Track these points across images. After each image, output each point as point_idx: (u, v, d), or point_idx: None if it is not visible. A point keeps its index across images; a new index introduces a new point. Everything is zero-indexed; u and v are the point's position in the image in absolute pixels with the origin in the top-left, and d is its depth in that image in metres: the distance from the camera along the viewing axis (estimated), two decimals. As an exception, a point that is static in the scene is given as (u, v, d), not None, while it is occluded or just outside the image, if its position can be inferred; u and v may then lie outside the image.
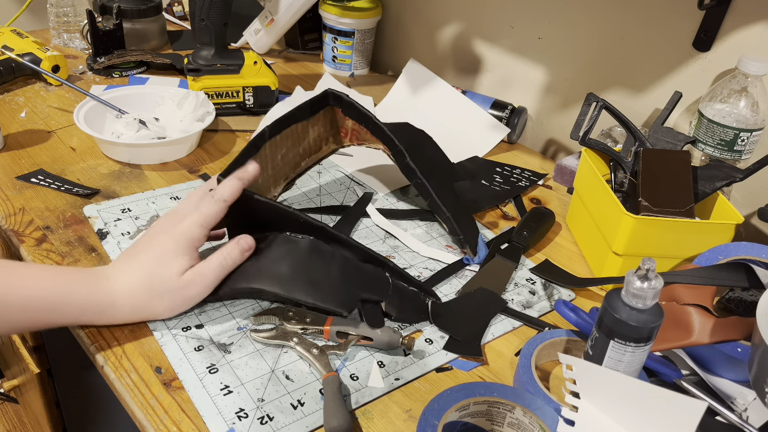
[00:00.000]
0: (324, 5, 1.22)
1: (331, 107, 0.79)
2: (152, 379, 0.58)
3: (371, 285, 0.66)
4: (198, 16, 0.97)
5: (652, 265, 0.51)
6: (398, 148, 0.74)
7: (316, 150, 0.83)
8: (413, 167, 0.74)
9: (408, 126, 0.82)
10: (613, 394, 0.52)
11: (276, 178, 0.79)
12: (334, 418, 0.53)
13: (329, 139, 0.83)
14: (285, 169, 0.80)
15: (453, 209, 0.76)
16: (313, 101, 0.77)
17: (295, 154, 0.80)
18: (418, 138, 0.81)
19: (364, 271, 0.67)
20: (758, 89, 0.79)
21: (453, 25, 1.19)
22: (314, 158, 0.83)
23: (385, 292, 0.66)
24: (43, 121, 0.97)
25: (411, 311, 0.67)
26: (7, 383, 1.16)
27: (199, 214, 0.62)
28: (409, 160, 0.74)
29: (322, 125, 0.80)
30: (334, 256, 0.66)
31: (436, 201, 0.75)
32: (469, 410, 0.55)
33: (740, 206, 0.87)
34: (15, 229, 0.74)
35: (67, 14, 1.22)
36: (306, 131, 0.79)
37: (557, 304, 0.63)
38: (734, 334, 0.59)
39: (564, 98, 1.05)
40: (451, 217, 0.75)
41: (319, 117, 0.79)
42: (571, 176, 0.95)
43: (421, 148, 0.79)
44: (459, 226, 0.75)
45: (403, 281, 0.68)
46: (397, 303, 0.66)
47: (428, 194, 0.75)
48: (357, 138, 0.81)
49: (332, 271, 0.65)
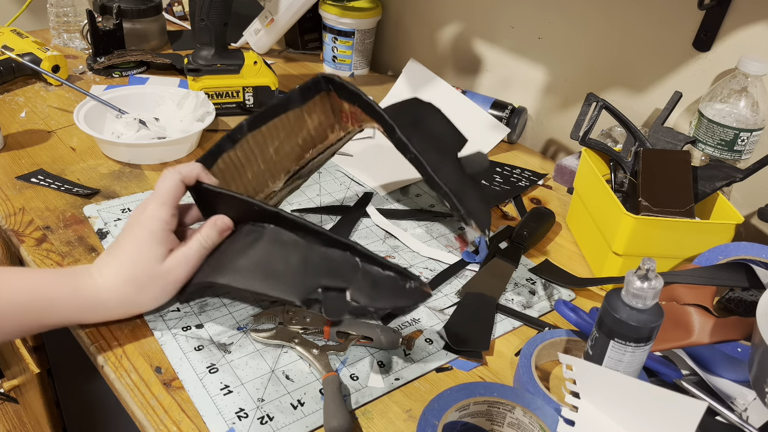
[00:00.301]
0: (324, 5, 1.22)
1: (327, 93, 0.75)
2: (152, 379, 0.58)
3: (335, 271, 0.61)
4: (198, 16, 0.97)
5: (652, 265, 0.51)
6: (388, 124, 0.70)
7: (321, 139, 0.78)
8: (405, 141, 0.69)
9: (414, 101, 0.78)
10: (613, 394, 0.52)
11: (272, 172, 0.76)
12: (334, 418, 0.53)
13: (334, 126, 0.78)
14: (284, 162, 0.77)
15: (455, 183, 0.70)
16: (303, 87, 0.74)
17: (294, 146, 0.77)
18: (422, 112, 0.77)
19: (329, 256, 0.62)
20: (758, 89, 0.79)
21: (453, 25, 1.19)
22: (321, 148, 0.79)
23: (351, 277, 0.61)
24: (43, 121, 0.97)
25: (385, 298, 0.60)
26: (7, 383, 1.16)
27: (157, 193, 0.62)
28: (399, 134, 0.70)
29: (322, 112, 0.77)
30: (296, 244, 0.63)
31: (431, 176, 0.69)
32: (469, 410, 0.55)
33: (740, 206, 0.87)
34: (15, 229, 0.74)
35: (67, 14, 1.22)
36: (301, 120, 0.76)
37: (557, 304, 0.63)
38: (734, 334, 0.59)
39: (564, 98, 1.05)
40: (450, 192, 0.69)
41: (316, 104, 0.75)
42: (571, 176, 0.95)
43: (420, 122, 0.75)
44: (462, 201, 0.69)
45: (378, 266, 0.61)
46: (367, 289, 0.60)
47: (423, 169, 0.70)
48: (356, 120, 0.77)
49: (292, 259, 0.62)
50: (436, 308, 0.70)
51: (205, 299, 0.67)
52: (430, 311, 0.69)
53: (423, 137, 0.72)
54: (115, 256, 0.61)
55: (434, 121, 0.77)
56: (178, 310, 0.65)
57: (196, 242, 0.62)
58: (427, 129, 0.75)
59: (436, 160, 0.70)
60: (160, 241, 0.61)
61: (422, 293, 0.60)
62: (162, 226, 0.61)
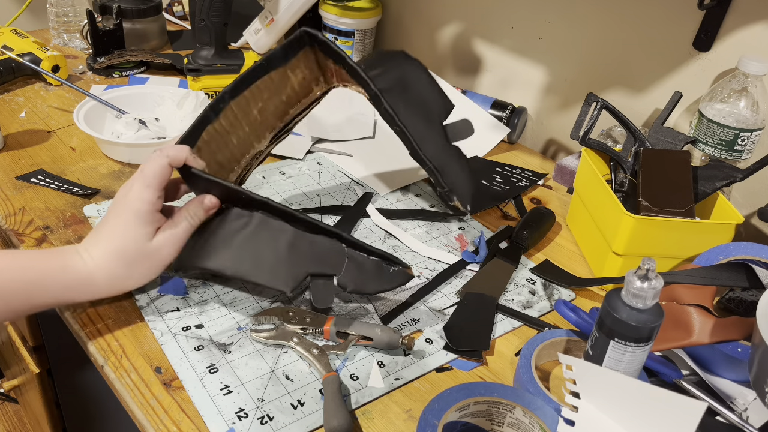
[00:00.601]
0: (324, 5, 1.22)
1: (311, 48, 0.73)
2: (152, 379, 0.58)
3: (323, 259, 0.64)
4: (198, 16, 0.97)
5: (652, 265, 0.51)
6: (373, 91, 0.69)
7: (305, 94, 0.77)
8: (391, 113, 0.69)
9: (400, 57, 0.76)
10: (613, 395, 0.52)
11: (257, 133, 0.75)
12: (334, 418, 0.53)
13: (318, 80, 0.76)
14: (269, 120, 0.75)
15: (439, 157, 0.70)
16: (286, 45, 0.72)
17: (279, 103, 0.75)
18: (407, 74, 0.75)
19: (316, 243, 0.64)
20: (758, 89, 0.79)
21: (453, 25, 1.19)
22: (306, 102, 0.77)
23: (339, 264, 0.64)
24: (43, 121, 0.97)
25: (371, 282, 0.64)
26: (7, 383, 1.16)
27: (143, 175, 0.62)
28: (386, 104, 0.69)
29: (306, 67, 0.75)
30: (284, 231, 0.64)
31: (417, 151, 0.70)
32: (469, 410, 0.55)
33: (740, 206, 0.87)
34: (15, 229, 0.74)
35: (67, 14, 1.22)
36: (285, 78, 0.74)
37: (557, 304, 0.63)
38: (734, 334, 0.59)
39: (564, 98, 1.05)
40: (435, 168, 0.69)
41: (300, 60, 0.73)
42: (571, 176, 0.95)
43: (407, 86, 0.74)
44: (445, 175, 0.70)
45: (363, 252, 0.65)
46: (353, 275, 0.64)
47: (409, 143, 0.70)
48: (341, 79, 0.75)
49: (280, 247, 0.63)
50: (436, 308, 0.70)
51: (205, 300, 0.67)
52: (430, 311, 0.69)
53: (409, 103, 0.71)
54: (102, 235, 0.61)
55: (421, 84, 0.75)
56: (178, 310, 0.65)
57: (183, 220, 0.63)
58: (414, 94, 0.73)
59: (422, 129, 0.70)
60: (146, 221, 0.61)
61: (405, 275, 0.64)
62: (148, 207, 0.61)
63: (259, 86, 0.72)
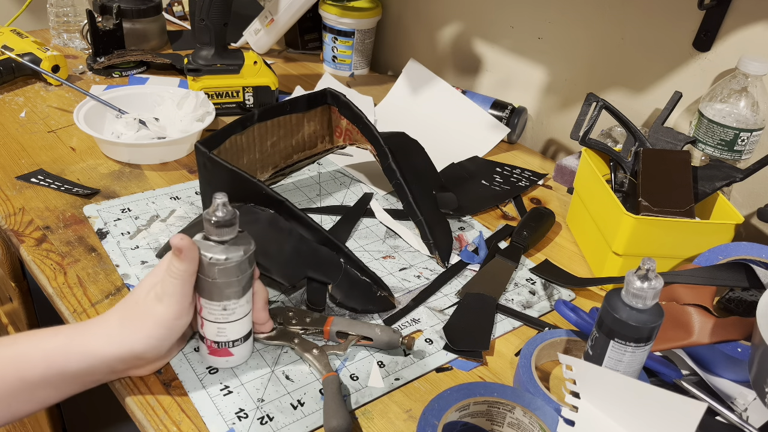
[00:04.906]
0: (324, 5, 1.22)
1: (328, 106, 0.82)
2: (152, 379, 0.58)
3: (322, 266, 0.68)
4: (198, 16, 0.97)
5: (652, 265, 0.51)
6: (383, 149, 0.78)
7: (310, 146, 0.85)
8: (394, 168, 0.77)
9: (402, 134, 0.85)
10: (613, 395, 0.52)
11: (263, 164, 0.82)
12: (334, 418, 0.53)
13: (325, 137, 0.86)
14: (275, 157, 0.83)
15: (429, 216, 0.78)
16: (311, 96, 0.81)
17: (287, 145, 0.83)
18: (408, 146, 0.84)
19: (318, 252, 0.68)
20: (758, 89, 0.79)
21: (453, 25, 1.19)
22: (308, 153, 0.86)
23: (335, 276, 0.67)
24: (43, 121, 0.97)
25: (358, 300, 0.67)
26: (7, 383, 1.15)
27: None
28: (391, 161, 0.77)
29: (319, 122, 0.83)
30: (291, 233, 0.68)
31: (411, 204, 0.77)
32: (469, 410, 0.55)
33: (740, 206, 0.87)
34: (15, 229, 0.74)
35: (67, 14, 1.22)
36: (301, 124, 0.82)
37: (557, 304, 0.63)
38: (734, 334, 0.59)
39: (564, 98, 1.05)
40: (424, 221, 0.77)
41: (316, 113, 0.82)
42: (571, 176, 0.95)
43: (408, 155, 0.82)
44: (432, 232, 0.77)
45: (357, 270, 0.69)
46: (345, 289, 0.67)
47: (405, 196, 0.78)
48: (349, 138, 0.85)
49: (285, 246, 0.67)
50: (436, 308, 0.70)
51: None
52: (430, 311, 0.69)
53: (409, 168, 0.80)
54: None
55: (419, 158, 0.85)
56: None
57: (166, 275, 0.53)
58: (413, 163, 0.82)
59: (418, 191, 0.79)
60: None
61: (389, 303, 0.68)
62: None
63: (280, 122, 0.81)
